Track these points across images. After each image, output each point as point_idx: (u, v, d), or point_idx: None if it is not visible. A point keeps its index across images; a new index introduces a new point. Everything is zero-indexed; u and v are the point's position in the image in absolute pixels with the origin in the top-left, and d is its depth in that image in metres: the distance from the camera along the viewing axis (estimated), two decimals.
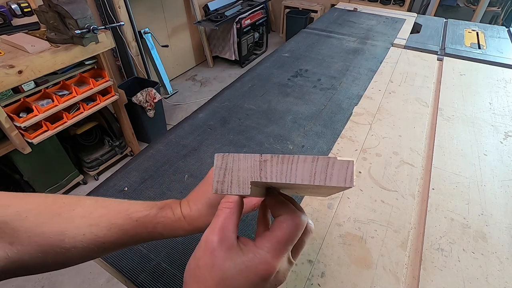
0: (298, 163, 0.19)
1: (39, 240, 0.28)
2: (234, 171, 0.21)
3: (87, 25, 1.25)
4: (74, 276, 1.40)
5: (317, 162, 0.19)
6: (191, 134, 0.74)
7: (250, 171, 0.20)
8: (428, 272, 0.45)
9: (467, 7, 2.85)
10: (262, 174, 0.20)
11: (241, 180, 0.20)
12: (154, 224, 0.33)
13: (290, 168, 0.20)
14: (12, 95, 1.26)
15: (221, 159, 0.21)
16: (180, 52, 2.95)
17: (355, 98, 0.87)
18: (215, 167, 0.21)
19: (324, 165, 0.19)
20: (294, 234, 0.24)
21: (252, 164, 0.20)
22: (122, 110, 1.83)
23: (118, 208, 0.33)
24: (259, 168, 0.20)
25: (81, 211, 0.31)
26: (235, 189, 0.20)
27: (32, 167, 1.53)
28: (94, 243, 0.31)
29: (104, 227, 0.31)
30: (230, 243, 0.24)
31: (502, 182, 0.60)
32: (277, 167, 0.20)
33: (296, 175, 0.19)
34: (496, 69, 1.02)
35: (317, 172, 0.19)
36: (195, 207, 0.34)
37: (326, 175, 0.19)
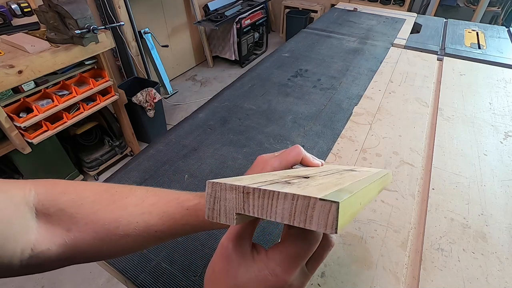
0: (279, 200, 0.18)
1: (95, 227, 0.29)
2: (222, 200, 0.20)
3: (87, 25, 1.25)
4: (74, 276, 1.40)
5: (297, 201, 0.17)
6: (191, 134, 0.74)
7: (235, 202, 0.20)
8: (428, 272, 0.45)
9: (467, 7, 2.85)
10: (245, 206, 0.19)
11: (227, 210, 0.20)
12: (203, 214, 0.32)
13: (271, 204, 0.18)
14: (12, 95, 1.26)
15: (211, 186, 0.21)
16: (180, 52, 2.95)
17: (355, 98, 0.87)
18: (207, 194, 0.21)
19: (305, 205, 0.17)
20: (307, 250, 0.24)
21: (236, 195, 0.20)
22: (122, 110, 1.83)
23: (169, 196, 0.33)
24: (242, 200, 0.19)
25: (134, 199, 0.32)
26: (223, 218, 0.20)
27: (32, 167, 1.53)
28: (147, 231, 0.31)
29: (156, 215, 0.31)
30: (244, 251, 0.24)
31: (502, 182, 0.60)
32: (258, 201, 0.19)
33: (276, 213, 0.18)
34: (496, 69, 1.02)
35: (297, 212, 0.17)
36: None
37: (306, 216, 0.17)
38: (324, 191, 0.18)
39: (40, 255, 0.27)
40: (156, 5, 2.50)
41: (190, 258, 0.47)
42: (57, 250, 0.27)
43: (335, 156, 0.66)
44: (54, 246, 0.27)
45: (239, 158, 0.67)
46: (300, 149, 0.33)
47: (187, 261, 0.47)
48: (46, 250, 0.27)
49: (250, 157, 0.67)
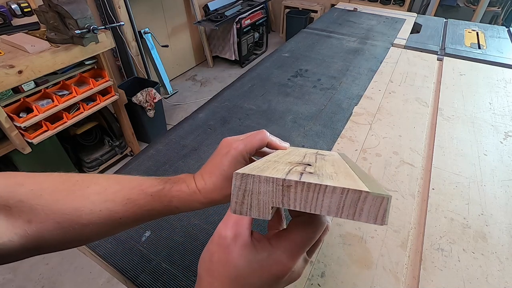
0: (326, 193, 0.18)
1: (56, 217, 0.29)
2: (254, 194, 0.19)
3: (87, 25, 1.25)
4: (74, 276, 1.40)
5: (347, 195, 0.18)
6: (191, 134, 0.74)
7: (271, 195, 0.19)
8: (428, 272, 0.45)
9: (467, 7, 2.85)
10: (285, 200, 0.19)
11: (261, 204, 0.19)
12: (169, 198, 0.33)
13: (316, 197, 0.18)
14: (12, 95, 1.26)
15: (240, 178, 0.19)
16: (180, 52, 2.95)
17: (355, 98, 0.87)
18: (234, 187, 0.20)
19: (355, 199, 0.17)
20: (313, 236, 0.24)
21: (273, 189, 0.19)
22: (122, 110, 1.83)
23: (132, 183, 0.33)
24: (281, 193, 0.19)
25: (96, 188, 0.32)
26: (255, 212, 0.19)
27: (32, 167, 1.53)
28: (111, 218, 0.31)
29: (120, 202, 0.31)
30: (244, 240, 0.23)
31: (502, 182, 0.60)
32: (301, 195, 0.18)
33: (322, 206, 0.18)
34: (496, 69, 1.02)
35: (345, 206, 0.18)
36: (210, 180, 0.33)
37: (356, 209, 0.18)
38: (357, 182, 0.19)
39: (2, 246, 0.27)
40: (156, 5, 2.50)
41: (190, 258, 0.47)
42: (19, 241, 0.27)
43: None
44: (16, 237, 0.27)
45: None
46: (265, 133, 0.33)
47: (187, 261, 0.47)
48: (8, 241, 0.27)
49: None
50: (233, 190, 0.20)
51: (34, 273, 1.41)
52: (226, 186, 0.32)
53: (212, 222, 0.53)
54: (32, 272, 1.41)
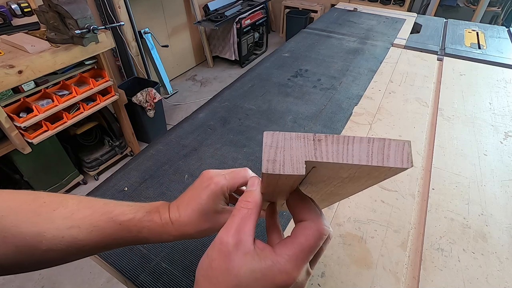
0: (354, 144, 0.19)
1: (15, 240, 0.27)
2: (287, 150, 0.19)
3: (87, 25, 1.25)
4: (74, 276, 1.40)
5: (373, 143, 0.19)
6: (191, 134, 0.74)
7: (304, 150, 0.19)
8: (428, 272, 0.45)
9: (467, 7, 2.85)
10: (317, 153, 0.19)
11: (294, 159, 0.19)
12: (139, 228, 0.32)
13: (346, 148, 0.19)
14: (12, 95, 1.26)
15: (271, 136, 0.20)
16: (180, 52, 2.95)
17: (355, 98, 0.87)
18: (265, 145, 0.19)
19: (381, 146, 0.19)
20: (318, 242, 0.23)
21: (305, 143, 0.19)
22: (122, 110, 1.83)
23: (102, 209, 0.31)
24: (313, 147, 0.19)
25: (63, 211, 0.30)
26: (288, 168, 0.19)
27: (32, 167, 1.53)
28: (73, 245, 0.29)
29: (85, 229, 0.30)
30: (246, 248, 0.22)
31: (502, 182, 0.60)
32: (332, 147, 0.19)
33: (353, 155, 0.19)
34: (496, 69, 1.02)
35: (374, 153, 0.19)
36: (185, 213, 0.32)
37: (383, 155, 0.19)
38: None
39: None
40: (156, 5, 2.50)
41: (190, 258, 0.47)
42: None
43: None
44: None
45: (239, 158, 0.67)
46: (248, 171, 0.33)
47: (187, 261, 0.47)
48: None
49: (250, 157, 0.67)
50: (264, 149, 0.19)
51: (34, 273, 1.41)
52: (202, 220, 0.31)
53: None
54: (32, 272, 1.41)
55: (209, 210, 0.31)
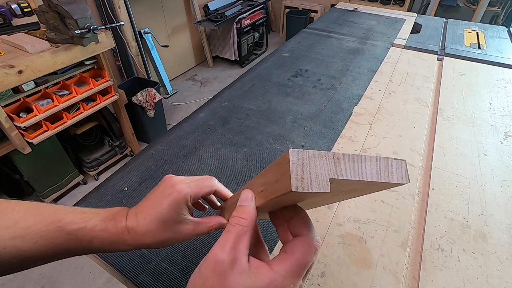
0: (366, 162, 0.21)
1: None
2: (312, 168, 0.20)
3: (87, 25, 1.25)
4: (74, 276, 1.40)
5: (380, 161, 0.21)
6: (191, 134, 0.74)
7: (327, 168, 0.20)
8: (428, 272, 0.45)
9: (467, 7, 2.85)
10: (338, 171, 0.20)
11: (319, 177, 0.20)
12: (90, 238, 0.29)
13: (360, 166, 0.20)
14: (12, 95, 1.26)
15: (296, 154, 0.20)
16: (180, 52, 2.95)
17: (355, 98, 0.87)
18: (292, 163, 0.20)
19: (385, 164, 0.21)
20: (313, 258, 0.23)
21: (327, 161, 0.20)
22: (122, 110, 1.83)
23: (51, 218, 0.29)
24: (334, 165, 0.20)
25: (5, 221, 0.28)
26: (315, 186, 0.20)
27: (32, 167, 1.53)
28: (17, 256, 0.27)
29: (30, 239, 0.28)
30: (242, 266, 0.22)
31: (502, 182, 0.60)
32: (349, 165, 0.21)
33: (366, 173, 0.20)
34: (496, 69, 1.02)
35: (381, 170, 0.21)
36: (143, 221, 0.30)
37: (388, 173, 0.21)
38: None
39: None
40: (156, 5, 2.50)
41: (190, 258, 0.47)
42: None
43: None
44: None
45: (239, 158, 0.67)
46: (214, 181, 0.32)
47: (187, 261, 0.47)
48: None
49: (250, 157, 0.67)
50: (292, 167, 0.20)
51: (34, 273, 1.41)
52: (161, 230, 0.30)
53: None
54: (32, 272, 1.41)
55: (170, 220, 0.30)
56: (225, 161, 0.66)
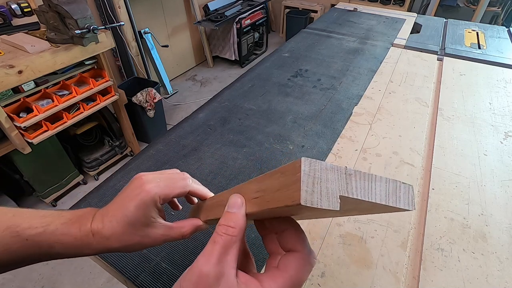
0: (376, 182, 0.19)
1: None
2: (323, 181, 0.18)
3: (87, 25, 1.25)
4: (74, 276, 1.40)
5: (389, 183, 0.20)
6: (191, 134, 0.74)
7: (337, 183, 0.19)
8: (428, 272, 0.45)
9: (467, 7, 2.85)
10: (349, 188, 0.19)
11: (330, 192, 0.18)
12: (50, 243, 0.27)
13: (370, 186, 0.19)
14: (12, 95, 1.26)
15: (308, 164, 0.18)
16: (180, 52, 2.95)
17: (355, 98, 0.87)
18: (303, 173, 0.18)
19: (394, 186, 0.20)
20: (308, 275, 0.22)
21: (339, 177, 0.19)
22: (122, 110, 1.83)
23: (8, 223, 0.27)
24: (345, 181, 0.19)
25: None
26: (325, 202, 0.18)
27: (32, 167, 1.53)
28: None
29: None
30: (229, 282, 0.20)
31: (502, 182, 0.60)
32: (360, 183, 0.19)
33: (375, 194, 0.19)
34: (496, 69, 1.02)
35: (390, 193, 0.20)
36: (109, 224, 0.28)
37: (396, 197, 0.20)
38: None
39: None
40: (156, 5, 2.50)
41: (190, 258, 0.47)
42: None
43: (335, 156, 0.66)
44: None
45: (239, 158, 0.67)
46: (187, 181, 0.30)
47: (187, 261, 0.47)
48: None
49: (250, 157, 0.67)
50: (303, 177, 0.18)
51: (34, 273, 1.41)
52: (128, 233, 0.28)
53: None
54: (32, 272, 1.41)
55: (137, 223, 0.28)
56: (225, 161, 0.66)
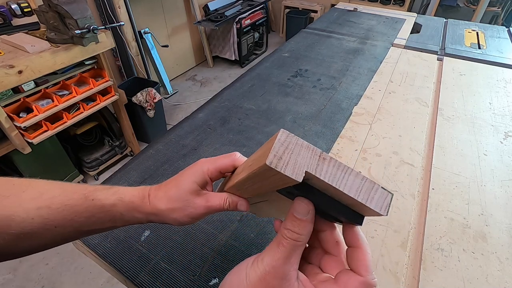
0: (350, 175, 0.20)
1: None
2: (294, 154, 0.20)
3: (87, 25, 1.25)
4: (74, 276, 1.40)
5: (365, 182, 0.21)
6: (190, 134, 0.74)
7: (308, 161, 0.20)
8: (428, 272, 0.45)
9: (467, 7, 2.85)
10: (318, 169, 0.20)
11: (298, 164, 0.20)
12: (113, 202, 0.30)
13: (343, 176, 0.20)
14: (12, 95, 1.26)
15: (285, 136, 0.21)
16: (180, 52, 2.95)
17: (355, 98, 0.87)
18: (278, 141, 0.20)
19: (370, 187, 0.21)
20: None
21: (311, 156, 0.20)
22: (122, 110, 1.83)
23: (75, 188, 0.30)
24: (316, 162, 0.20)
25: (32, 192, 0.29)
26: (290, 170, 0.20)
27: (32, 167, 1.53)
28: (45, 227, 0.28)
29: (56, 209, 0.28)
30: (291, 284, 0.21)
31: (502, 182, 0.59)
32: (332, 170, 0.20)
33: (345, 185, 0.20)
34: (496, 69, 1.02)
35: (363, 190, 0.20)
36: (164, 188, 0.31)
37: (369, 196, 0.21)
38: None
39: None
40: (156, 5, 2.50)
41: (189, 258, 0.47)
42: None
43: (335, 156, 0.66)
44: None
45: None
46: (235, 156, 0.32)
47: (187, 260, 0.47)
48: None
49: None
50: (276, 144, 0.20)
51: (34, 273, 1.41)
52: (176, 198, 0.30)
53: (211, 221, 0.53)
54: (32, 272, 1.41)
55: (184, 188, 0.31)
56: None
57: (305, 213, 0.22)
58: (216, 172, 0.31)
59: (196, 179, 0.31)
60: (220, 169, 0.31)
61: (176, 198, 0.31)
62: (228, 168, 0.32)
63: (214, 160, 0.32)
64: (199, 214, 0.31)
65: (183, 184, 0.31)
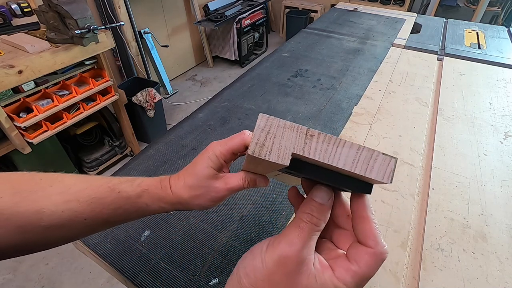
0: (344, 147, 0.19)
1: (17, 220, 0.27)
2: (277, 137, 0.19)
3: (87, 25, 1.25)
4: (74, 276, 1.40)
5: (362, 151, 0.19)
6: (190, 134, 0.74)
7: (294, 142, 0.19)
8: (428, 272, 0.45)
9: (467, 7, 2.85)
10: (306, 148, 0.19)
11: (282, 148, 0.19)
12: (138, 193, 0.31)
13: (335, 150, 0.19)
14: (12, 95, 1.26)
15: (265, 120, 0.20)
16: (180, 52, 2.95)
17: (355, 98, 0.87)
18: (257, 128, 0.20)
19: (368, 156, 0.19)
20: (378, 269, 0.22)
21: (297, 135, 0.19)
22: (122, 110, 1.83)
23: (99, 181, 0.31)
24: (303, 141, 0.19)
25: (59, 186, 0.30)
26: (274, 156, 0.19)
27: (32, 167, 1.52)
28: (75, 220, 0.29)
29: (84, 201, 0.29)
30: (309, 269, 0.21)
31: (502, 182, 0.59)
32: (322, 145, 0.19)
33: (339, 159, 0.19)
34: (496, 69, 1.02)
35: (360, 161, 0.19)
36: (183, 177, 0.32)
37: (368, 166, 0.19)
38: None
39: None
40: (156, 5, 2.50)
41: (189, 258, 0.47)
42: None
43: None
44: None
45: (239, 158, 0.67)
46: (245, 134, 0.31)
47: (186, 260, 0.47)
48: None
49: None
50: (256, 131, 0.19)
51: (34, 273, 1.41)
52: (196, 186, 0.31)
53: (211, 221, 0.53)
54: (32, 272, 1.41)
55: (202, 175, 0.31)
56: None
57: (326, 199, 0.22)
58: (228, 154, 0.31)
59: (211, 163, 0.31)
60: (232, 150, 0.31)
61: (196, 186, 0.31)
62: (239, 148, 0.31)
63: (224, 142, 0.31)
64: (222, 197, 0.32)
65: (199, 171, 0.31)
